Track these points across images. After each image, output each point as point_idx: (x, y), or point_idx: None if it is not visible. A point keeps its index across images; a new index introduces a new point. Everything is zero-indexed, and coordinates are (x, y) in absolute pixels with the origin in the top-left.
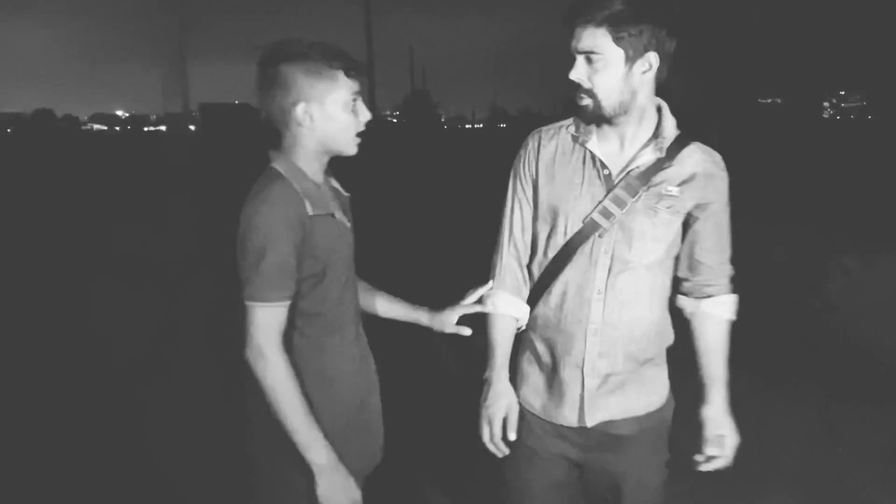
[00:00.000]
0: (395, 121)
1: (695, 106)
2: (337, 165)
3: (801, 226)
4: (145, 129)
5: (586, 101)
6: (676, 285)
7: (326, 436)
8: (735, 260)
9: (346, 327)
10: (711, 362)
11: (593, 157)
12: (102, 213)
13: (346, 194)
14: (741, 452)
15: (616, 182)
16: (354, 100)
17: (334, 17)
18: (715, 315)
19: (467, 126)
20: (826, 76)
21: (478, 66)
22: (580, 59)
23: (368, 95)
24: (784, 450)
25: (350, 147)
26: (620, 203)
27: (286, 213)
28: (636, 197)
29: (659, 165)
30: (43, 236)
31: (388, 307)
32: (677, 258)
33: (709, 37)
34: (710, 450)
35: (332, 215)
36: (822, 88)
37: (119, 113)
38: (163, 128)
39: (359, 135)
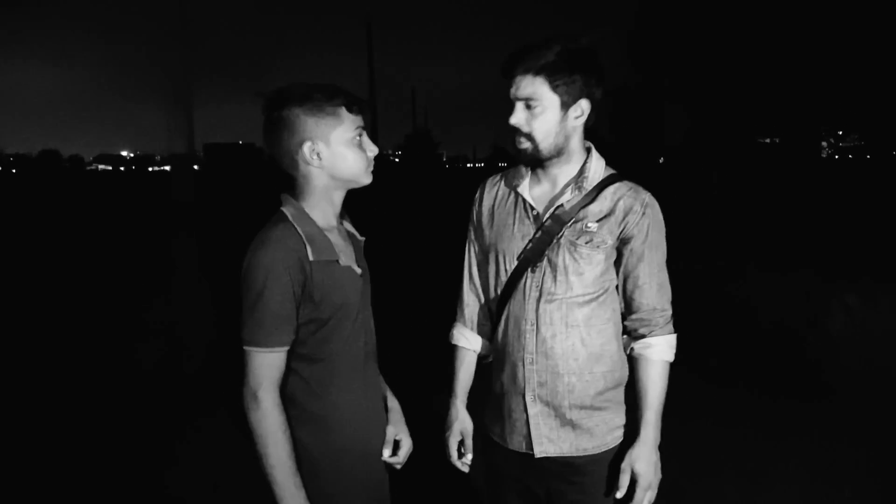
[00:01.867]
0: (397, 160)
1: (694, 146)
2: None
3: (802, 264)
4: (150, 168)
5: (525, 145)
6: (623, 324)
7: (324, 486)
8: (734, 297)
9: (351, 375)
10: (642, 402)
11: (524, 200)
12: (105, 251)
13: (360, 238)
14: (743, 495)
15: (544, 221)
16: (359, 134)
17: (338, 60)
18: (646, 356)
19: (468, 165)
20: (824, 116)
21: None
22: (519, 105)
23: (371, 135)
24: (786, 488)
25: (363, 177)
26: (546, 240)
27: (286, 256)
28: (560, 233)
29: (581, 203)
30: (48, 276)
31: None
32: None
33: (707, 77)
34: (629, 488)
35: (337, 261)
36: (819, 128)
37: (124, 153)
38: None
39: (371, 165)
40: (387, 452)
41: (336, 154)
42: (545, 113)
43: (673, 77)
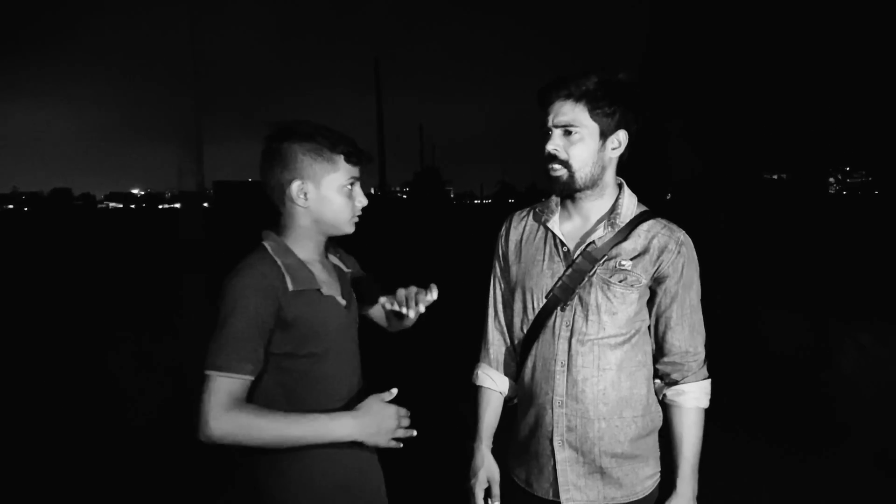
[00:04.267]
0: (405, 196)
1: (702, 182)
2: (347, 238)
3: (812, 302)
4: (160, 206)
5: (560, 172)
6: (654, 368)
7: None
8: (744, 335)
9: (331, 406)
10: (677, 453)
11: (554, 235)
12: (114, 287)
13: (347, 270)
14: None
15: (574, 258)
16: (352, 184)
17: (348, 97)
18: (679, 403)
19: (476, 201)
20: (831, 152)
21: (486, 144)
22: (557, 132)
23: (379, 171)
24: None
25: (346, 226)
26: (577, 278)
27: (256, 283)
28: (592, 271)
29: (615, 240)
30: (58, 311)
31: None
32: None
33: (714, 114)
34: None
35: (319, 290)
36: (827, 164)
37: (135, 191)
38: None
39: (356, 216)
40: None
41: (324, 198)
42: (584, 140)
43: (680, 114)
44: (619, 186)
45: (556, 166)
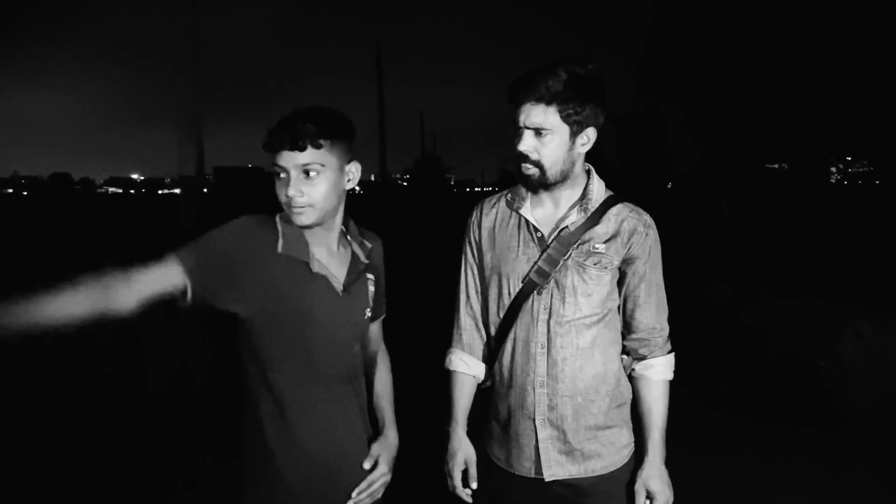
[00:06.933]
0: (405, 184)
1: (703, 172)
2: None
3: (813, 290)
4: (160, 192)
5: (532, 171)
6: (623, 344)
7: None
8: (745, 324)
9: (316, 391)
10: (647, 422)
11: (527, 222)
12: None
13: (364, 261)
14: None
15: (549, 243)
16: (279, 175)
17: (348, 84)
18: (648, 377)
19: (476, 189)
20: (833, 141)
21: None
22: (528, 133)
23: (380, 158)
24: None
25: (293, 218)
26: (553, 262)
27: (247, 226)
28: (566, 255)
29: (587, 225)
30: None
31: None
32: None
33: (715, 104)
34: None
35: (307, 265)
36: (828, 154)
37: (134, 176)
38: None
39: (296, 207)
40: (367, 464)
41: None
42: (554, 142)
43: (681, 103)
44: (588, 173)
45: (528, 165)
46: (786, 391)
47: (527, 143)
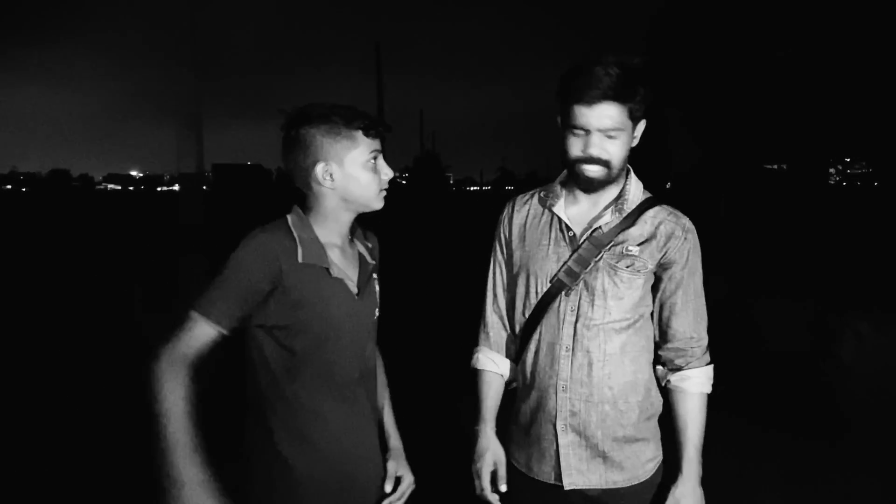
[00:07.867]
0: (404, 182)
1: (702, 172)
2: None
3: (811, 291)
4: (158, 188)
5: (600, 172)
6: (657, 353)
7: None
8: (744, 324)
9: (336, 396)
10: (682, 437)
11: (559, 219)
12: (112, 269)
13: (371, 262)
14: None
15: (580, 242)
16: (374, 158)
17: (347, 80)
18: (684, 389)
19: (475, 188)
20: (831, 143)
21: (486, 131)
22: (600, 135)
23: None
24: None
25: (374, 202)
26: (583, 262)
27: (264, 246)
28: (598, 256)
29: (622, 226)
30: (55, 292)
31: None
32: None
33: (714, 104)
34: None
35: (327, 270)
36: (827, 155)
37: (133, 173)
38: (175, 187)
39: (384, 189)
40: (388, 486)
41: (348, 176)
42: (622, 139)
43: (680, 103)
44: (627, 172)
45: (596, 167)
46: (785, 392)
47: (601, 145)
